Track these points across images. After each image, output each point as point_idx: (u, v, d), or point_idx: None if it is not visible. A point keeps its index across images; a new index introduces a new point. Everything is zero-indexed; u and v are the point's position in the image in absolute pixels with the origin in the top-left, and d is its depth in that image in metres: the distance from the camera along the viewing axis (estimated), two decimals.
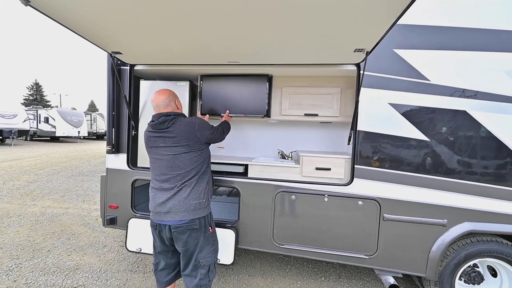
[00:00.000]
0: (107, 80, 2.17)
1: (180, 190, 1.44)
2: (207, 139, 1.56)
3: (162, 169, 1.49)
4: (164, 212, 1.44)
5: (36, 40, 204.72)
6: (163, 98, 1.57)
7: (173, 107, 1.59)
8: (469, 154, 1.71)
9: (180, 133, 1.46)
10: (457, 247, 1.79)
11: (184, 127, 1.47)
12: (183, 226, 1.42)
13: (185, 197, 1.44)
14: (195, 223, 1.44)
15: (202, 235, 1.46)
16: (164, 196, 1.45)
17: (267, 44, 1.51)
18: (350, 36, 1.34)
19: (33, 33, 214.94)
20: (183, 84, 2.21)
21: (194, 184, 1.47)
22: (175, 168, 1.45)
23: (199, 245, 1.46)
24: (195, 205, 1.45)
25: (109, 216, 2.24)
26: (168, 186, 1.45)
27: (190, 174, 1.46)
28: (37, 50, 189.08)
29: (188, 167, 1.46)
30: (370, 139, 1.82)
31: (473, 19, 1.69)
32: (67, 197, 4.50)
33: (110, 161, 2.23)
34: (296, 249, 1.97)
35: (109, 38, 1.54)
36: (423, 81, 1.74)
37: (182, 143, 1.46)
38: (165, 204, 1.44)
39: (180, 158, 1.45)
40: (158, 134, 1.51)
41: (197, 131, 1.49)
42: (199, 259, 1.45)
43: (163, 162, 1.48)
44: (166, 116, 1.50)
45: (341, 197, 1.88)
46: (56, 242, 2.80)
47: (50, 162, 7.94)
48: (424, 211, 1.77)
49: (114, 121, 2.20)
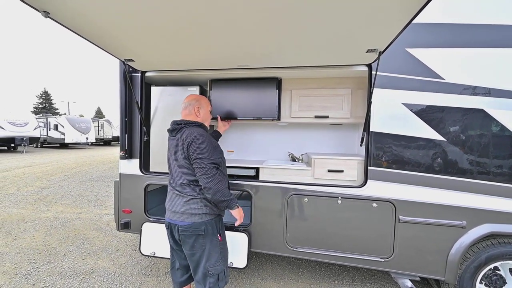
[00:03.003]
0: (119, 87, 2.22)
1: (187, 195, 1.45)
2: (191, 159, 1.39)
3: (172, 173, 1.53)
4: (172, 211, 1.47)
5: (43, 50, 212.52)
6: (185, 100, 1.59)
7: (191, 112, 1.56)
8: (488, 154, 1.67)
9: (179, 143, 1.45)
10: (478, 250, 1.74)
11: (182, 139, 1.43)
12: (189, 230, 1.41)
13: (191, 202, 1.43)
14: (201, 228, 1.41)
15: (209, 242, 1.42)
16: (175, 197, 1.49)
17: (279, 47, 1.51)
18: (363, 36, 1.33)
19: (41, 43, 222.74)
20: (193, 89, 2.23)
21: (198, 189, 1.44)
22: (181, 175, 1.46)
23: (206, 252, 1.42)
24: (201, 209, 1.43)
25: (123, 220, 2.27)
26: (178, 188, 1.49)
27: (190, 181, 1.45)
28: (45, 59, 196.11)
29: (187, 177, 1.44)
30: (384, 140, 1.80)
31: (488, 15, 1.66)
32: (79, 202, 4.59)
33: (123, 166, 2.27)
34: (309, 252, 1.95)
35: (122, 46, 1.59)
36: (437, 80, 1.71)
37: (180, 154, 1.44)
38: (174, 204, 1.48)
39: (182, 168, 1.45)
40: (170, 141, 1.56)
41: (186, 146, 1.39)
42: (207, 267, 1.41)
43: (172, 167, 1.53)
44: (177, 124, 1.52)
45: (354, 199, 1.85)
46: (71, 246, 2.86)
47: (61, 168, 8.13)
48: (442, 212, 1.72)
49: (126, 127, 2.24)
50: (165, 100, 2.28)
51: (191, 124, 1.49)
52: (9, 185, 5.69)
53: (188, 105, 1.56)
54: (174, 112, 2.26)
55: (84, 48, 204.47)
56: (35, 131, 14.27)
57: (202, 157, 1.36)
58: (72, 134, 16.55)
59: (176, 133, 1.50)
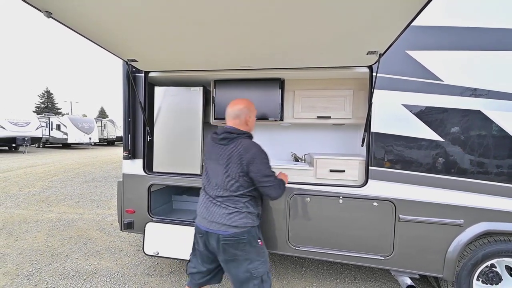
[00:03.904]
0: (123, 87, 2.19)
1: (230, 206, 1.38)
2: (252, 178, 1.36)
3: (212, 181, 1.42)
4: (210, 220, 1.38)
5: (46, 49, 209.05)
6: (236, 108, 1.46)
7: (242, 121, 1.46)
8: (484, 154, 1.67)
9: (232, 156, 1.36)
10: (474, 247, 1.74)
11: (238, 152, 1.35)
12: (232, 239, 1.35)
13: (234, 215, 1.37)
14: (244, 237, 1.36)
15: (250, 247, 1.38)
16: (213, 206, 1.40)
17: (281, 48, 1.50)
18: (363, 39, 1.32)
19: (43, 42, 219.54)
20: (197, 90, 2.21)
21: (243, 201, 1.40)
22: (228, 186, 1.38)
23: (248, 257, 1.38)
24: (244, 222, 1.38)
25: (126, 220, 2.23)
26: (218, 198, 1.40)
27: (236, 194, 1.39)
28: (47, 58, 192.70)
29: (236, 190, 1.38)
30: (384, 140, 1.79)
31: (485, 18, 1.66)
32: (82, 202, 4.51)
33: (127, 166, 2.23)
34: (311, 251, 1.94)
35: (125, 46, 1.56)
36: (436, 81, 1.71)
37: (234, 167, 1.36)
38: (212, 213, 1.39)
39: (231, 181, 1.37)
40: (217, 148, 1.43)
41: (246, 163, 1.34)
42: (250, 270, 1.37)
43: (213, 176, 1.42)
44: (229, 133, 1.40)
45: (356, 198, 1.84)
46: (74, 247, 2.80)
47: (63, 169, 8.00)
48: (440, 211, 1.72)
49: (130, 127, 2.20)
50: (168, 101, 2.24)
51: (243, 135, 1.41)
52: (11, 186, 5.58)
53: (240, 114, 1.45)
54: (177, 113, 2.24)
55: (87, 47, 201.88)
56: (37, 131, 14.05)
57: (268, 175, 1.37)
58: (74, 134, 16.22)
59: (228, 142, 1.39)
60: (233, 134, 1.40)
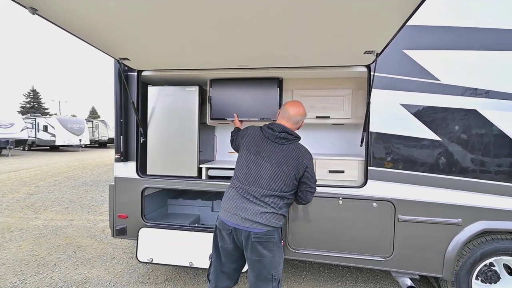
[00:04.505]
0: (114, 87, 2.10)
1: (269, 205, 1.37)
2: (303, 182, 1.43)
3: (252, 177, 1.40)
4: (243, 217, 1.34)
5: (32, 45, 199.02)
6: (299, 114, 1.49)
7: (298, 126, 1.52)
8: (481, 153, 1.69)
9: (290, 157, 1.38)
10: (473, 246, 1.75)
11: (296, 155, 1.39)
12: (264, 237, 1.33)
13: (271, 215, 1.36)
14: (274, 235, 1.36)
15: (276, 248, 1.39)
16: (248, 203, 1.37)
17: (278, 47, 1.48)
18: (360, 38, 1.32)
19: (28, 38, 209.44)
20: (193, 89, 2.14)
21: (282, 203, 1.41)
22: (273, 185, 1.37)
23: (274, 258, 1.37)
24: (277, 224, 1.38)
25: (118, 226, 2.12)
26: (256, 195, 1.37)
27: (278, 194, 1.39)
28: (34, 55, 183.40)
29: (280, 191, 1.39)
30: (383, 140, 1.78)
31: (483, 18, 1.68)
32: (71, 208, 4.32)
33: (119, 169, 2.14)
34: (311, 253, 1.90)
35: (117, 44, 1.49)
36: (433, 81, 1.71)
37: (288, 169, 1.38)
38: (246, 210, 1.35)
39: (278, 182, 1.38)
40: (269, 144, 1.42)
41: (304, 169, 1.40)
42: (272, 273, 1.37)
43: (257, 172, 1.40)
44: (289, 134, 1.42)
45: (355, 199, 1.82)
46: (62, 255, 2.65)
47: (51, 173, 7.68)
48: (439, 211, 1.72)
49: (122, 129, 2.11)
50: (162, 100, 2.17)
51: (298, 139, 1.47)
52: None
53: (300, 120, 1.51)
54: (172, 113, 2.16)
55: (77, 44, 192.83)
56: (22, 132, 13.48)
57: (316, 181, 1.49)
58: (63, 136, 15.54)
59: (285, 142, 1.41)
60: (292, 136, 1.43)
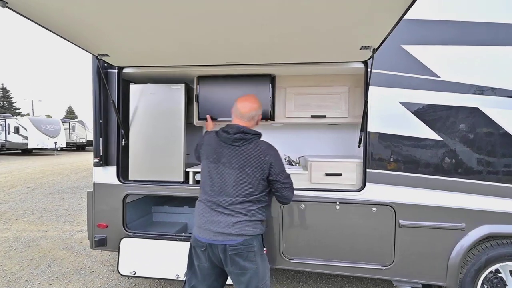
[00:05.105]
0: (93, 85, 2.13)
1: (240, 214, 1.39)
2: (274, 181, 1.44)
3: (216, 186, 1.42)
4: (215, 231, 1.37)
5: None
6: (252, 109, 1.50)
7: (255, 122, 1.55)
8: (484, 153, 1.75)
9: (251, 158, 1.40)
10: (477, 252, 1.81)
11: (257, 154, 1.40)
12: (241, 248, 1.35)
13: (244, 223, 1.38)
14: (253, 244, 1.38)
15: (259, 257, 1.40)
16: (218, 215, 1.39)
17: (269, 43, 1.52)
18: (355, 33, 1.37)
19: None
20: (178, 87, 2.19)
21: (254, 208, 1.43)
22: (239, 190, 1.39)
23: (257, 269, 1.38)
24: (253, 231, 1.40)
25: (97, 236, 2.15)
26: (224, 204, 1.39)
27: (248, 199, 1.41)
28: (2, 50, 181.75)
29: (249, 195, 1.41)
30: (382, 140, 1.85)
31: (486, 12, 1.75)
32: (46, 218, 4.34)
33: (98, 174, 2.17)
34: (307, 263, 1.95)
35: (95, 39, 1.52)
36: (433, 77, 1.79)
37: (251, 170, 1.39)
38: (217, 223, 1.37)
39: (245, 185, 1.39)
40: (227, 149, 1.43)
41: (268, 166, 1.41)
42: (259, 285, 1.39)
43: (218, 180, 1.42)
44: (245, 133, 1.43)
45: (353, 204, 1.88)
46: (35, 270, 2.68)
47: (23, 179, 7.67)
48: (441, 215, 1.78)
49: (101, 130, 2.15)
50: (146, 100, 2.21)
51: (257, 136, 1.48)
52: None
53: (255, 115, 1.52)
54: (156, 113, 2.20)
55: (52, 39, 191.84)
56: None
57: (288, 176, 1.49)
58: (37, 138, 15.52)
59: (243, 143, 1.41)
60: (249, 135, 1.43)
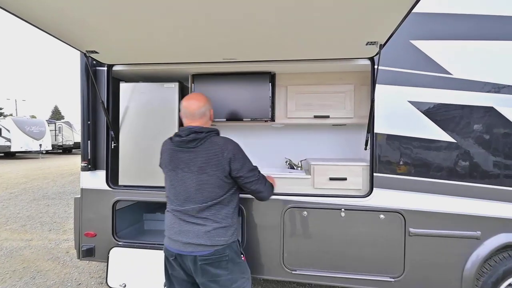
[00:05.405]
0: (81, 84, 2.14)
1: (208, 220, 1.40)
2: (237, 177, 1.44)
3: (180, 194, 1.43)
4: (183, 242, 1.38)
5: None
6: (200, 105, 1.49)
7: (207, 118, 1.54)
8: (500, 156, 1.74)
9: (208, 157, 1.40)
10: (494, 263, 1.79)
11: (214, 152, 1.40)
12: (212, 258, 1.36)
13: (213, 232, 1.39)
14: (225, 253, 1.39)
15: (233, 264, 1.42)
16: (186, 225, 1.41)
17: (268, 39, 1.52)
18: (361, 27, 1.36)
19: None
20: (172, 86, 2.18)
21: (223, 211, 1.43)
22: (203, 195, 1.40)
23: (232, 276, 1.40)
24: (225, 240, 1.41)
25: (85, 246, 2.14)
26: (191, 213, 1.41)
27: (214, 202, 1.41)
28: None
29: (214, 197, 1.41)
30: (390, 142, 1.84)
31: (499, 5, 1.74)
32: (29, 226, 4.34)
33: (86, 179, 2.16)
34: (310, 274, 1.93)
35: (83, 35, 1.52)
36: (444, 75, 1.78)
37: (212, 171, 1.40)
38: (185, 233, 1.39)
39: (207, 187, 1.40)
40: (183, 153, 1.44)
41: (227, 162, 1.40)
42: (233, 287, 1.40)
43: (185, 188, 1.43)
44: (198, 133, 1.42)
45: (360, 210, 1.87)
46: (18, 282, 2.66)
47: (5, 184, 7.68)
48: (454, 222, 1.77)
49: (89, 132, 2.14)
50: (137, 99, 2.20)
51: (212, 133, 1.46)
52: None
53: (205, 111, 1.51)
54: (148, 113, 2.19)
55: (37, 35, 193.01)
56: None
57: (253, 169, 1.50)
58: (20, 140, 15.52)
59: (197, 144, 1.41)
60: (202, 134, 1.42)
